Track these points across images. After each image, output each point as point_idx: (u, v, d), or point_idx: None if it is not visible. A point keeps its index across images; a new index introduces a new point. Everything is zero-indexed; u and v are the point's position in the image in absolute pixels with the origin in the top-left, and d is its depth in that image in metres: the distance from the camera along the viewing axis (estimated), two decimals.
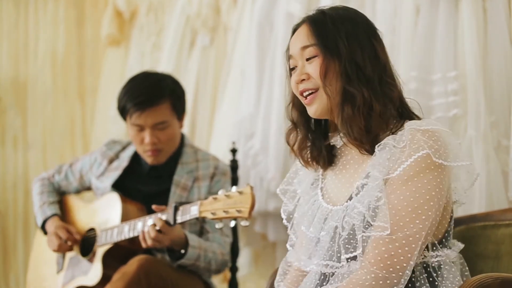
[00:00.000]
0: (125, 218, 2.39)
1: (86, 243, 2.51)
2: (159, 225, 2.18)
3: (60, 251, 2.50)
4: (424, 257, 1.55)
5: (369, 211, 1.51)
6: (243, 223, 1.99)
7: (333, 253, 1.59)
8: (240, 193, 1.99)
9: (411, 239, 1.46)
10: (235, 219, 2.02)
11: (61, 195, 2.71)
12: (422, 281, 1.53)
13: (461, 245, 1.67)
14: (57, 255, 2.59)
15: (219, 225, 2.06)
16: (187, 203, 2.18)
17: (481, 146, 2.24)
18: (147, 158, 2.52)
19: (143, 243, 2.23)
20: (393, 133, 1.57)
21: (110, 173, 2.61)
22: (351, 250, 1.54)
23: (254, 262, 3.20)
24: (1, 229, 3.89)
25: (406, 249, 1.46)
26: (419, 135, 1.52)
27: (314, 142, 1.71)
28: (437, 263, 1.56)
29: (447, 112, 2.33)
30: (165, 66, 3.41)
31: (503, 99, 2.27)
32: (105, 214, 2.48)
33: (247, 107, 2.96)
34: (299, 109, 1.71)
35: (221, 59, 3.35)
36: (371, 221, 1.51)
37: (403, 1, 2.48)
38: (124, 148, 2.68)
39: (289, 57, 1.69)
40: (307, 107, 1.66)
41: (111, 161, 2.65)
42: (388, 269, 1.46)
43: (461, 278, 1.58)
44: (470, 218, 1.95)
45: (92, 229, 2.51)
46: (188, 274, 2.38)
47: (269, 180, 2.83)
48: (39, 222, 2.60)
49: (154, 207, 2.25)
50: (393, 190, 1.51)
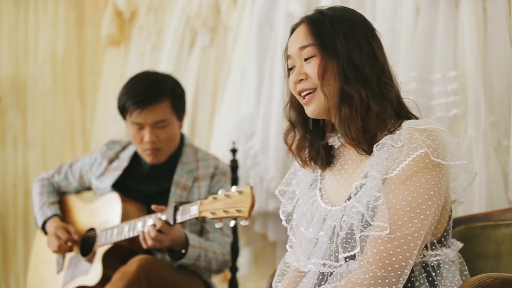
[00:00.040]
0: (125, 218, 2.39)
1: (86, 243, 2.51)
2: (159, 225, 2.18)
3: (60, 252, 2.50)
4: (423, 256, 1.55)
5: (368, 211, 1.51)
6: (242, 223, 1.99)
7: (331, 253, 1.59)
8: (239, 192, 1.99)
9: (409, 238, 1.46)
10: (235, 219, 2.02)
11: (61, 195, 2.71)
12: (421, 281, 1.53)
13: (460, 244, 1.68)
14: (57, 255, 2.58)
15: (218, 225, 2.06)
16: (187, 203, 2.18)
17: (481, 146, 2.24)
18: (146, 157, 2.52)
19: (143, 244, 2.23)
20: (391, 132, 1.57)
21: (110, 173, 2.60)
22: (349, 249, 1.55)
23: (254, 262, 3.19)
24: (1, 229, 3.89)
25: (404, 248, 1.46)
26: (417, 134, 1.52)
27: (312, 142, 1.71)
28: (436, 262, 1.56)
29: (447, 112, 2.33)
30: (165, 66, 3.41)
31: (503, 99, 2.27)
32: (105, 214, 2.48)
33: (247, 107, 2.96)
34: (297, 109, 1.71)
35: (221, 59, 3.35)
36: (370, 221, 1.51)
37: (403, 1, 2.48)
38: (124, 148, 2.68)
39: (287, 57, 1.69)
40: (305, 107, 1.66)
41: (111, 161, 2.65)
42: (386, 269, 1.46)
43: (460, 277, 1.58)
44: (470, 218, 1.95)
45: (92, 229, 2.51)
46: (188, 274, 2.37)
47: (269, 180, 2.83)
48: (39, 223, 2.59)
49: (153, 207, 2.25)
50: (392, 189, 1.51)
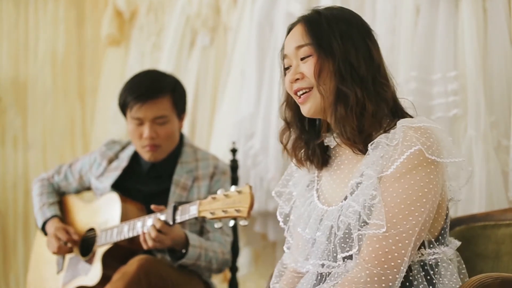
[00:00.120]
0: (124, 218, 2.39)
1: (86, 243, 2.51)
2: (159, 225, 2.17)
3: (59, 253, 2.50)
4: (421, 255, 1.55)
5: (365, 210, 1.52)
6: (242, 223, 1.99)
7: (329, 253, 1.59)
8: (239, 192, 1.98)
9: (404, 235, 1.47)
10: (234, 218, 2.02)
11: (60, 196, 2.71)
12: (419, 279, 1.53)
13: (458, 243, 1.68)
14: (57, 256, 2.58)
15: (218, 225, 2.06)
16: (186, 202, 2.18)
17: (481, 146, 2.24)
18: (145, 153, 2.51)
19: (144, 245, 2.22)
20: (386, 131, 1.57)
21: (109, 173, 2.60)
22: (347, 249, 1.55)
23: (254, 262, 3.19)
24: (1, 229, 3.89)
25: (400, 245, 1.46)
26: (411, 132, 1.52)
27: (307, 142, 1.71)
28: (434, 261, 1.56)
29: (447, 112, 2.33)
30: (165, 66, 3.40)
31: (503, 99, 2.27)
32: (105, 214, 2.48)
33: (247, 107, 2.96)
34: (292, 108, 1.72)
35: (221, 59, 3.35)
36: (367, 219, 1.51)
37: (403, 1, 2.48)
38: (123, 148, 2.67)
39: (283, 57, 1.70)
40: (301, 106, 1.66)
41: (110, 161, 2.64)
42: (382, 266, 1.46)
43: (458, 275, 1.59)
44: (470, 218, 1.95)
45: (92, 229, 2.51)
46: (188, 274, 2.37)
47: (269, 180, 2.83)
48: (39, 223, 2.59)
49: (153, 207, 2.25)
50: (387, 188, 1.51)
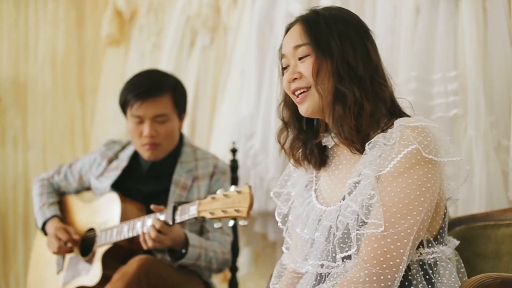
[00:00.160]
0: (124, 218, 2.39)
1: (86, 243, 2.51)
2: (158, 225, 2.17)
3: (59, 253, 2.50)
4: (420, 254, 1.55)
5: (363, 209, 1.52)
6: (241, 223, 1.99)
7: (328, 253, 1.59)
8: (238, 192, 1.98)
9: (402, 234, 1.47)
10: (234, 218, 2.02)
11: (60, 196, 2.71)
12: (418, 279, 1.53)
13: (457, 242, 1.68)
14: (57, 256, 2.58)
15: (217, 225, 2.06)
16: (186, 202, 2.17)
17: (481, 146, 2.24)
18: (145, 152, 2.51)
19: (144, 245, 2.22)
20: (383, 131, 1.57)
21: (109, 173, 2.60)
22: (346, 249, 1.55)
23: (254, 262, 3.19)
24: (1, 229, 3.89)
25: (398, 244, 1.46)
26: (408, 131, 1.52)
27: (305, 142, 1.71)
28: (433, 260, 1.56)
29: (447, 112, 2.32)
30: (165, 66, 3.40)
31: (503, 99, 2.27)
32: (105, 214, 2.48)
33: (247, 107, 2.96)
34: (290, 108, 1.72)
35: (221, 59, 3.35)
36: (365, 219, 1.51)
37: (403, 1, 2.48)
38: (123, 148, 2.67)
39: (281, 56, 1.69)
40: (299, 105, 1.66)
41: (110, 161, 2.64)
42: (381, 266, 1.46)
43: (457, 274, 1.59)
44: (470, 218, 1.95)
45: (92, 229, 2.51)
46: (188, 274, 2.37)
47: (269, 180, 2.82)
48: (39, 224, 2.59)
49: (152, 207, 2.25)
50: (384, 187, 1.51)
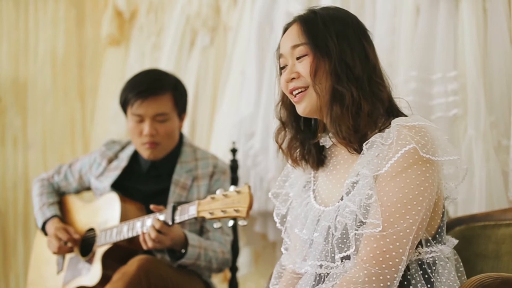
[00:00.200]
0: (124, 218, 2.39)
1: (86, 243, 2.51)
2: (158, 225, 2.17)
3: (60, 253, 2.50)
4: (418, 254, 1.55)
5: (361, 209, 1.52)
6: (241, 223, 1.99)
7: (327, 254, 1.59)
8: (238, 192, 1.98)
9: (401, 234, 1.47)
10: (233, 218, 2.02)
11: (60, 196, 2.71)
12: (417, 278, 1.53)
13: (455, 241, 1.68)
14: (57, 256, 2.58)
15: (217, 225, 2.06)
16: (186, 202, 2.17)
17: (481, 146, 2.24)
18: (144, 151, 2.51)
19: (143, 245, 2.22)
20: (381, 131, 1.58)
21: (109, 173, 2.60)
22: (345, 249, 1.55)
23: (254, 262, 3.20)
24: (1, 229, 3.90)
25: (397, 244, 1.46)
26: (405, 131, 1.52)
27: (303, 141, 1.71)
28: (432, 259, 1.56)
29: (447, 112, 2.33)
30: (165, 66, 3.40)
31: (503, 99, 2.27)
32: (105, 214, 2.48)
33: (247, 107, 2.96)
34: (288, 108, 1.72)
35: (221, 59, 3.35)
36: (363, 219, 1.51)
37: (403, 1, 2.48)
38: (123, 148, 2.67)
39: (279, 56, 1.69)
40: (296, 105, 1.66)
41: (110, 161, 2.64)
42: (380, 266, 1.46)
43: (456, 273, 1.59)
44: (470, 218, 1.95)
45: (91, 229, 2.51)
46: (188, 274, 2.37)
47: (269, 180, 2.83)
48: (39, 224, 2.59)
49: (152, 207, 2.25)
50: (383, 187, 1.51)
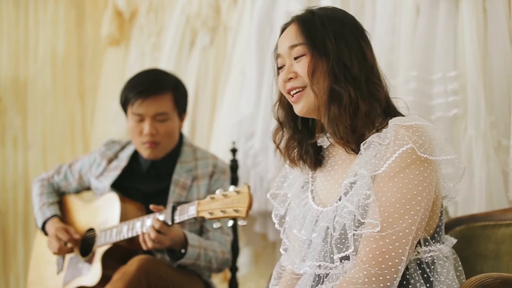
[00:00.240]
0: (124, 217, 2.39)
1: (85, 244, 2.51)
2: (157, 225, 2.17)
3: (60, 253, 2.50)
4: (417, 253, 1.55)
5: (359, 209, 1.52)
6: (240, 223, 1.99)
7: (326, 254, 1.59)
8: (237, 192, 1.98)
9: (401, 234, 1.47)
10: (233, 218, 2.02)
11: (60, 196, 2.71)
12: (416, 278, 1.53)
13: (454, 240, 1.68)
14: (57, 256, 2.58)
15: (217, 225, 2.06)
16: (185, 202, 2.18)
17: (481, 146, 2.24)
18: (144, 150, 2.51)
19: (143, 245, 2.22)
20: (378, 131, 1.58)
21: (109, 173, 2.60)
22: (344, 249, 1.55)
23: (254, 262, 3.20)
24: (1, 229, 3.90)
25: (397, 245, 1.46)
26: (403, 131, 1.52)
27: (300, 141, 1.71)
28: (431, 259, 1.56)
29: (447, 112, 2.33)
30: (165, 66, 3.40)
31: (503, 99, 2.27)
32: (105, 214, 2.48)
33: (247, 107, 2.96)
34: (286, 108, 1.72)
35: (221, 59, 3.35)
36: (361, 219, 1.51)
37: (403, 1, 2.48)
38: (123, 148, 2.67)
39: (277, 56, 1.70)
40: (294, 105, 1.66)
41: (110, 161, 2.64)
42: (380, 266, 1.46)
43: (455, 273, 1.59)
44: (470, 218, 1.95)
45: (91, 229, 2.51)
46: (188, 274, 2.37)
47: (269, 180, 2.83)
48: (39, 223, 2.59)
49: (152, 207, 2.25)
50: (381, 187, 1.51)
